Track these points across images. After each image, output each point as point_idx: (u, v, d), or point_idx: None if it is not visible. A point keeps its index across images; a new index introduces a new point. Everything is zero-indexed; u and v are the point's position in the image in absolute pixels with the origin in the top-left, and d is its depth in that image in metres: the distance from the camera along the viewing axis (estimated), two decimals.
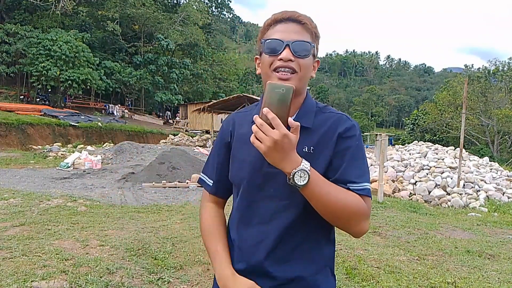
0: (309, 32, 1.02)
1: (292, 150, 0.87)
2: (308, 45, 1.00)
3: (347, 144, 1.00)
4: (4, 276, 2.85)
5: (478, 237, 5.30)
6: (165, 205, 6.00)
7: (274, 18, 1.03)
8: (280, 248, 1.01)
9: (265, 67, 1.01)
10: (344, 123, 1.02)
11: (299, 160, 0.89)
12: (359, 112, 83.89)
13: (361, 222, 0.97)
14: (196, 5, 39.48)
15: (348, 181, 0.97)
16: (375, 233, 5.06)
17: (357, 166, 1.00)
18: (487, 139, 31.07)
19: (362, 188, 0.97)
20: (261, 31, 1.06)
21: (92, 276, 2.96)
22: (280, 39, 0.99)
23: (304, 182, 0.87)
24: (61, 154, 13.44)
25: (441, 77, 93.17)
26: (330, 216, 0.96)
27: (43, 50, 24.08)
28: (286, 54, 0.97)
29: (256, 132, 0.86)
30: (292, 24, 1.00)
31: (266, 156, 0.87)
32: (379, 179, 7.88)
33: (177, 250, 3.76)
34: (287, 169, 0.88)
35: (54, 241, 3.76)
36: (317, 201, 0.92)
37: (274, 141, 0.84)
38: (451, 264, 3.99)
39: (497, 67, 34.84)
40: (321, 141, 1.00)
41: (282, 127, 0.84)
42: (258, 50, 1.07)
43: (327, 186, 0.92)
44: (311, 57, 1.02)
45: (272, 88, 0.87)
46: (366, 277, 3.42)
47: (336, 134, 1.01)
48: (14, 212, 4.94)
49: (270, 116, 0.84)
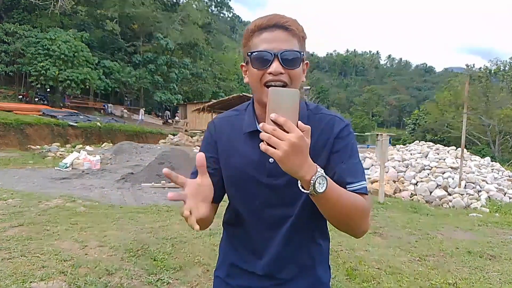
0: (297, 37, 0.96)
1: (308, 154, 0.82)
2: (298, 54, 0.95)
3: (343, 145, 1.00)
4: (3, 277, 2.84)
5: (479, 237, 5.29)
6: (165, 206, 5.97)
7: (259, 24, 0.95)
8: (283, 253, 1.04)
9: (255, 81, 0.96)
10: (339, 124, 1.02)
11: (314, 165, 0.83)
12: (360, 112, 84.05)
13: (366, 222, 0.98)
14: (196, 4, 39.47)
15: (347, 182, 0.96)
16: (376, 233, 5.04)
17: (354, 165, 1.00)
18: (489, 139, 31.12)
19: (361, 187, 0.97)
20: (245, 38, 0.99)
21: (91, 277, 2.95)
22: (268, 51, 0.93)
23: (323, 189, 0.82)
24: (60, 154, 13.39)
25: (442, 77, 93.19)
26: (341, 219, 0.94)
27: (41, 50, 24.05)
28: (276, 67, 0.92)
29: (269, 138, 0.78)
30: (279, 31, 0.94)
31: (283, 163, 0.79)
32: (380, 180, 7.86)
33: (177, 251, 3.74)
34: (307, 176, 0.81)
35: (53, 242, 3.74)
36: (331, 206, 0.89)
37: (292, 143, 0.77)
38: (452, 264, 3.98)
39: (498, 67, 34.89)
40: (317, 144, 0.98)
41: (297, 129, 0.79)
42: (244, 58, 1.01)
43: (339, 188, 0.90)
44: (301, 65, 0.97)
45: (276, 94, 0.82)
46: (367, 278, 3.42)
47: (332, 136, 1.00)
48: (13, 212, 4.91)
49: (281, 120, 0.78)
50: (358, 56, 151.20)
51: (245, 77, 1.02)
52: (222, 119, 1.12)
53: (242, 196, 1.05)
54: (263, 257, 1.04)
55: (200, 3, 41.16)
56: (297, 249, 1.04)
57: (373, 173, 10.59)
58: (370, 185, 9.24)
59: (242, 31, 23.74)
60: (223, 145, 1.06)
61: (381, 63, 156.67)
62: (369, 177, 10.05)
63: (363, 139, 37.13)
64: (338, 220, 0.94)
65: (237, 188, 1.05)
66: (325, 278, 1.11)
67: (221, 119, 1.12)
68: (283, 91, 0.83)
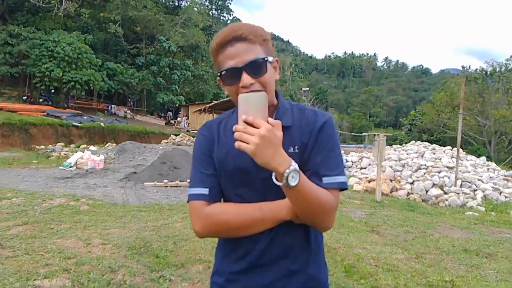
0: (258, 43, 0.99)
1: (280, 146, 0.87)
2: (262, 60, 0.97)
3: (324, 138, 1.01)
4: (7, 275, 2.85)
5: (476, 236, 5.32)
6: (167, 204, 6.00)
7: (219, 42, 0.98)
8: (273, 248, 1.02)
9: (232, 96, 1.01)
10: (322, 117, 1.04)
11: (289, 158, 0.88)
12: (358, 113, 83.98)
13: (330, 217, 0.99)
14: (197, 8, 39.65)
15: (323, 174, 0.98)
16: (373, 231, 5.09)
17: (331, 158, 1.01)
18: (484, 139, 31.04)
19: (334, 182, 0.99)
20: (212, 55, 1.03)
21: (94, 275, 2.97)
22: (234, 66, 0.96)
23: (296, 183, 0.87)
24: (64, 154, 13.48)
25: (439, 78, 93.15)
26: (306, 213, 0.96)
27: (46, 52, 24.20)
28: (246, 81, 0.96)
29: (240, 136, 0.85)
30: (238, 44, 0.97)
31: (256, 156, 0.85)
32: (377, 179, 7.92)
33: (179, 248, 3.78)
34: (280, 169, 0.86)
35: (57, 240, 3.77)
36: (300, 200, 0.93)
37: (261, 136, 0.83)
38: (449, 262, 4.02)
39: (494, 68, 34.84)
40: (303, 138, 1.02)
41: (266, 124, 0.85)
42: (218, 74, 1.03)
43: (310, 183, 0.94)
44: (270, 68, 1.00)
45: (245, 99, 0.89)
46: (364, 275, 3.45)
47: (315, 129, 1.02)
48: (17, 211, 4.95)
49: (249, 119, 0.84)
50: (356, 58, 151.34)
51: (224, 89, 1.04)
52: (213, 122, 1.13)
53: (238, 191, 1.04)
54: (253, 253, 1.03)
55: (201, 6, 41.32)
56: (288, 245, 1.03)
57: (370, 172, 10.62)
58: (368, 184, 9.28)
59: None
60: (219, 144, 1.07)
61: (378, 65, 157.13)
62: (367, 176, 10.09)
63: (360, 139, 37.01)
64: (303, 214, 0.97)
65: (232, 181, 1.05)
66: (320, 276, 1.07)
67: (212, 121, 1.14)
68: (250, 95, 0.90)
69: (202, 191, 1.03)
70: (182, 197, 6.90)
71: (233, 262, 1.06)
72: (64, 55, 24.21)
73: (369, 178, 9.60)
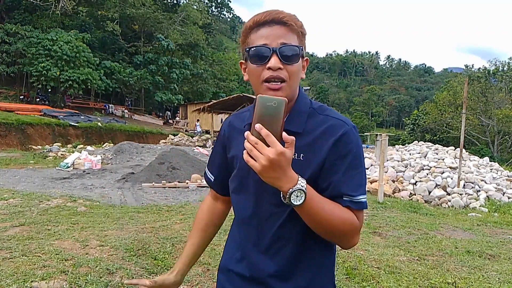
0: (296, 33, 0.94)
1: (288, 168, 0.82)
2: (297, 49, 0.92)
3: (343, 153, 0.92)
4: (4, 277, 2.84)
5: (479, 237, 5.30)
6: (165, 205, 5.98)
7: (257, 20, 0.93)
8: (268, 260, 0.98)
9: (254, 78, 0.94)
10: (341, 128, 0.94)
11: (295, 177, 0.83)
12: (359, 112, 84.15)
13: (353, 238, 0.93)
14: (196, 5, 39.54)
15: (344, 194, 0.91)
16: (375, 233, 5.06)
17: (353, 177, 0.92)
18: (487, 139, 31.11)
19: (358, 201, 0.91)
20: (243, 34, 0.97)
21: (91, 276, 2.95)
22: (266, 46, 0.91)
23: (300, 202, 0.82)
24: (61, 154, 13.43)
25: (442, 77, 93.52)
26: (323, 232, 0.91)
27: (42, 50, 24.12)
28: (274, 63, 0.90)
29: (250, 150, 0.80)
30: (277, 27, 0.92)
31: (261, 175, 0.82)
32: (379, 179, 7.87)
33: (177, 250, 3.74)
34: (283, 188, 0.82)
35: (54, 241, 3.75)
36: (310, 218, 0.88)
37: (269, 159, 0.78)
38: (451, 264, 3.98)
39: (497, 67, 34.90)
40: (312, 147, 0.93)
41: (278, 145, 0.79)
42: (243, 55, 0.98)
43: (321, 203, 0.87)
44: (300, 61, 0.95)
45: (263, 102, 0.82)
46: (366, 277, 3.42)
47: (331, 140, 0.93)
48: (14, 212, 4.93)
49: (263, 133, 0.79)
50: (358, 56, 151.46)
51: (244, 74, 1.00)
52: (235, 115, 1.13)
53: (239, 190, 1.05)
54: (251, 257, 1.01)
55: (201, 3, 41.22)
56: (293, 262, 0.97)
57: (373, 173, 10.60)
58: (370, 185, 9.26)
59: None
60: (234, 138, 1.07)
61: (380, 63, 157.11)
62: (369, 177, 10.07)
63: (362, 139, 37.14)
64: (319, 232, 0.91)
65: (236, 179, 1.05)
66: None
67: (235, 115, 1.13)
68: (270, 98, 0.83)
69: (210, 175, 1.19)
70: (180, 198, 6.86)
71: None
72: (61, 54, 24.14)
73: (371, 179, 9.56)
